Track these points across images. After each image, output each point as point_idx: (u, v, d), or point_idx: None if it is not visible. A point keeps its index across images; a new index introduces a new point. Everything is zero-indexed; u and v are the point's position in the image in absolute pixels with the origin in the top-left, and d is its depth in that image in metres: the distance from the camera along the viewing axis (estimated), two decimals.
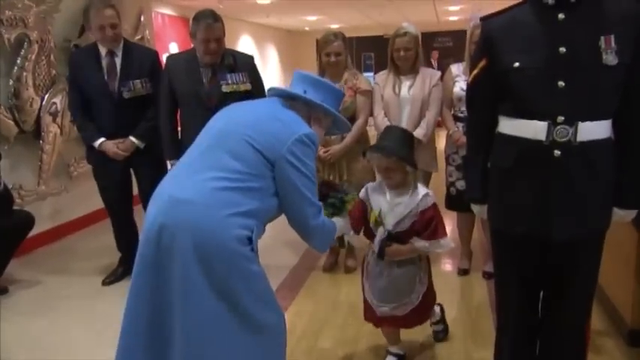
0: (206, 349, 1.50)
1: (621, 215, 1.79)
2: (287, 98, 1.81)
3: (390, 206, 2.23)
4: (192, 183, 1.55)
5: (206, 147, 1.67)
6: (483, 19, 1.95)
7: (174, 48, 6.99)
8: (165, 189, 1.62)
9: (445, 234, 2.24)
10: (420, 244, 2.19)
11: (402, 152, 2.17)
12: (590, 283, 1.88)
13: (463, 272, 3.35)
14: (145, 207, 3.34)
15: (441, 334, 2.59)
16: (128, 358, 1.63)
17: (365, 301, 2.38)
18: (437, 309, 2.53)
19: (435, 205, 2.25)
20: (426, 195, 2.22)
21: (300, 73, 1.89)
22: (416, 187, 2.25)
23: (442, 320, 2.57)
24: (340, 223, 2.00)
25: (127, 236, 3.47)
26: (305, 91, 1.78)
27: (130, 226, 3.49)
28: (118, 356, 1.65)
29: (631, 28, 1.62)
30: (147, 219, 1.61)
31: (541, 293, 1.97)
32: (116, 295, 3.23)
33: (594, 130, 1.65)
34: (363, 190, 2.38)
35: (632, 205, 1.78)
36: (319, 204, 1.75)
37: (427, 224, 2.19)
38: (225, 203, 1.51)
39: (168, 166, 3.22)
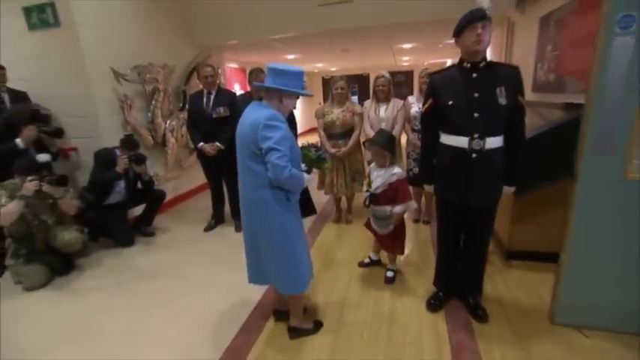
0: (276, 240, 1.66)
1: (507, 190, 1.82)
2: (263, 90, 1.62)
3: (375, 177, 2.20)
4: (246, 185, 1.65)
5: (240, 162, 1.65)
6: (430, 74, 1.93)
7: (237, 87, 6.93)
8: (241, 189, 1.70)
9: (410, 198, 2.17)
10: (397, 208, 2.15)
11: (382, 143, 2.14)
12: (490, 229, 1.93)
13: (415, 221, 3.32)
14: (226, 184, 3.40)
15: (389, 279, 2.35)
16: (249, 258, 1.80)
17: (370, 225, 2.35)
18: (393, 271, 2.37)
19: (401, 180, 2.15)
20: (394, 174, 2.14)
21: (270, 68, 1.59)
22: (391, 167, 2.16)
23: (394, 274, 2.40)
24: (308, 178, 1.71)
25: (218, 201, 3.47)
26: (274, 81, 1.56)
27: (220, 195, 3.45)
28: (246, 257, 1.81)
29: (512, 83, 1.64)
30: (241, 204, 1.73)
31: (462, 235, 2.01)
32: (212, 239, 3.24)
33: (494, 142, 1.68)
34: (368, 168, 2.35)
35: (513, 184, 1.82)
36: (287, 164, 1.51)
37: (394, 192, 2.14)
38: (265, 184, 1.58)
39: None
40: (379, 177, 2.18)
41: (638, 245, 1.61)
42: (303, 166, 1.70)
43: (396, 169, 2.17)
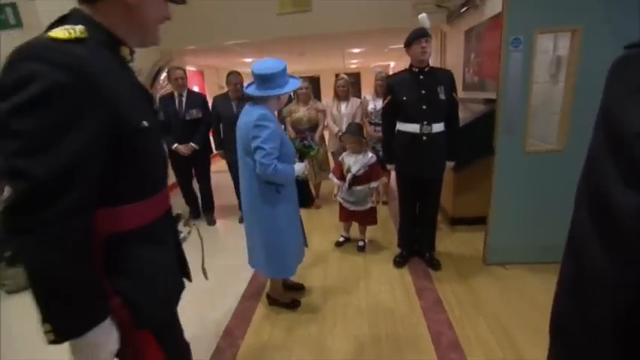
0: (263, 229, 1.79)
1: (449, 164, 2.21)
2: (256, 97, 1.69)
3: (354, 162, 2.47)
4: (244, 178, 1.80)
5: (239, 157, 1.77)
6: (388, 77, 2.30)
7: (195, 89, 6.78)
8: (240, 182, 1.84)
9: (382, 175, 2.46)
10: (374, 184, 2.48)
11: (358, 133, 2.49)
12: (438, 197, 2.31)
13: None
14: (198, 182, 3.49)
15: (361, 248, 2.70)
16: (248, 244, 1.94)
17: (341, 207, 2.61)
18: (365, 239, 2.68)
19: (376, 162, 2.45)
20: (372, 157, 2.46)
21: (256, 75, 1.64)
22: (366, 152, 2.48)
23: (365, 243, 2.76)
24: (298, 167, 1.79)
25: (189, 197, 3.52)
26: (266, 87, 1.65)
27: (191, 191, 3.53)
28: (247, 243, 1.93)
29: (448, 83, 2.04)
30: (241, 195, 1.85)
31: (417, 204, 2.35)
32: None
33: (438, 127, 2.06)
34: (340, 157, 2.59)
35: (453, 159, 2.21)
36: (272, 162, 1.60)
37: (371, 171, 2.44)
38: (256, 178, 1.71)
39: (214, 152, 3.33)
40: (357, 162, 2.46)
41: (539, 200, 2.24)
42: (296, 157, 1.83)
43: (371, 154, 2.50)
